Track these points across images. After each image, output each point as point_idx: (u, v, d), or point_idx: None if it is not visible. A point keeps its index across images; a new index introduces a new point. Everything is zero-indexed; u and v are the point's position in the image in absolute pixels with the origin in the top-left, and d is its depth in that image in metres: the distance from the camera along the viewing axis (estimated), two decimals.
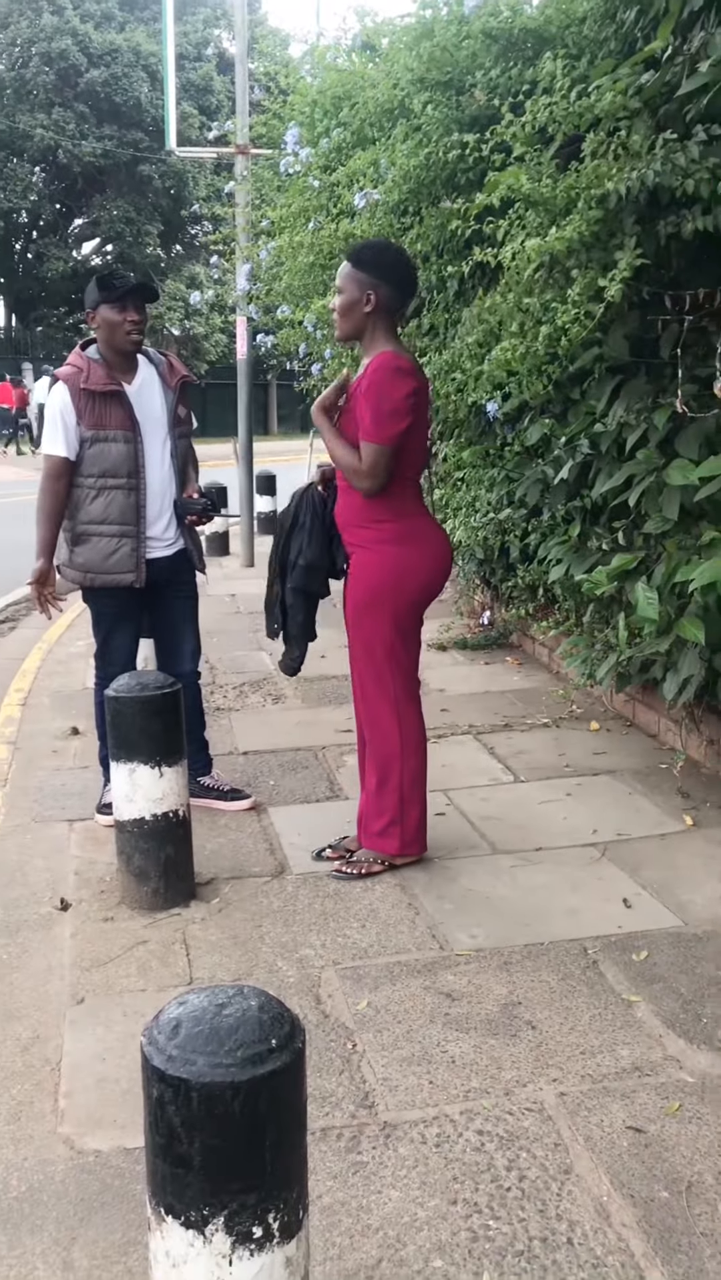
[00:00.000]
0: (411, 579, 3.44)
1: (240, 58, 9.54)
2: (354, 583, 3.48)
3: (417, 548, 3.44)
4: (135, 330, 3.78)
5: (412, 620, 3.52)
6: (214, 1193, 1.38)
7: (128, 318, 3.76)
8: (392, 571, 3.41)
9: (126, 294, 3.76)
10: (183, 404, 3.99)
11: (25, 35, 30.85)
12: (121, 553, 3.84)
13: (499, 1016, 2.76)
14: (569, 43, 4.13)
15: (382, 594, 3.42)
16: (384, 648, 3.46)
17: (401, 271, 3.41)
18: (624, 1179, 2.19)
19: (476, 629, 6.81)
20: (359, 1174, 2.22)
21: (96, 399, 3.77)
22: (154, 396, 3.90)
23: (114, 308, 3.76)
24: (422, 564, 3.45)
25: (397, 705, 3.51)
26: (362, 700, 3.55)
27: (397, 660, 3.51)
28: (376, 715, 3.51)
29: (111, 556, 3.84)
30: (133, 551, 3.85)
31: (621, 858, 3.66)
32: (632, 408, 4.03)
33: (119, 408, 3.80)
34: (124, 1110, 2.41)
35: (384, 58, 5.34)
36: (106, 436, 3.78)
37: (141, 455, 3.83)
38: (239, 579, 9.59)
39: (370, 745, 3.56)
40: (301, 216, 5.89)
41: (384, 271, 3.35)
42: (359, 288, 3.34)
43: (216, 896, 3.45)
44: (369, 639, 3.47)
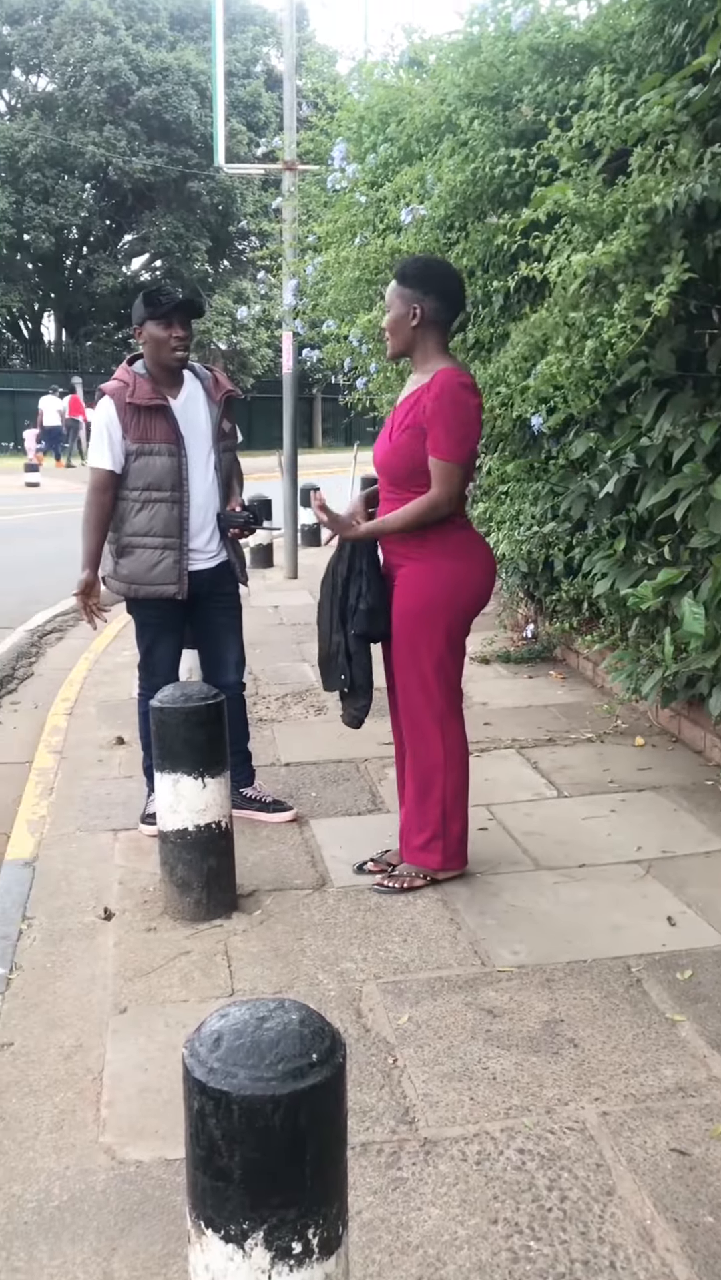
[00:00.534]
0: (465, 591, 3.44)
1: (288, 75, 9.62)
2: (403, 595, 3.47)
3: (469, 561, 3.44)
4: (180, 346, 3.82)
5: (463, 632, 3.52)
6: (254, 1206, 1.38)
7: (173, 334, 3.79)
8: (448, 584, 3.41)
9: (172, 310, 3.79)
10: (227, 418, 4.02)
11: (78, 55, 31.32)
12: (164, 564, 3.88)
13: (541, 1034, 2.74)
14: (616, 58, 4.13)
15: (437, 606, 3.42)
16: (433, 660, 3.46)
17: (445, 283, 3.41)
18: (667, 1202, 2.16)
19: (520, 642, 6.79)
20: (399, 1190, 2.21)
21: (141, 413, 3.81)
22: (199, 411, 3.93)
23: (160, 324, 3.79)
24: (474, 576, 3.46)
25: (442, 718, 3.50)
26: (406, 713, 3.54)
27: (445, 673, 3.50)
28: (420, 728, 3.51)
29: (155, 568, 3.87)
30: (175, 563, 3.88)
31: (666, 875, 3.62)
32: (679, 421, 4.01)
33: (163, 422, 3.83)
34: (165, 1120, 2.42)
35: (431, 74, 5.37)
36: (151, 450, 3.82)
37: (185, 468, 3.87)
38: (282, 590, 9.62)
39: (412, 758, 3.55)
40: (348, 232, 5.93)
41: (428, 284, 3.36)
42: (404, 303, 3.36)
43: (258, 908, 3.46)
44: (417, 651, 3.46)
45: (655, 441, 4.16)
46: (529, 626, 6.83)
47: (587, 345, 3.77)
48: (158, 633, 4.02)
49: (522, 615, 7.07)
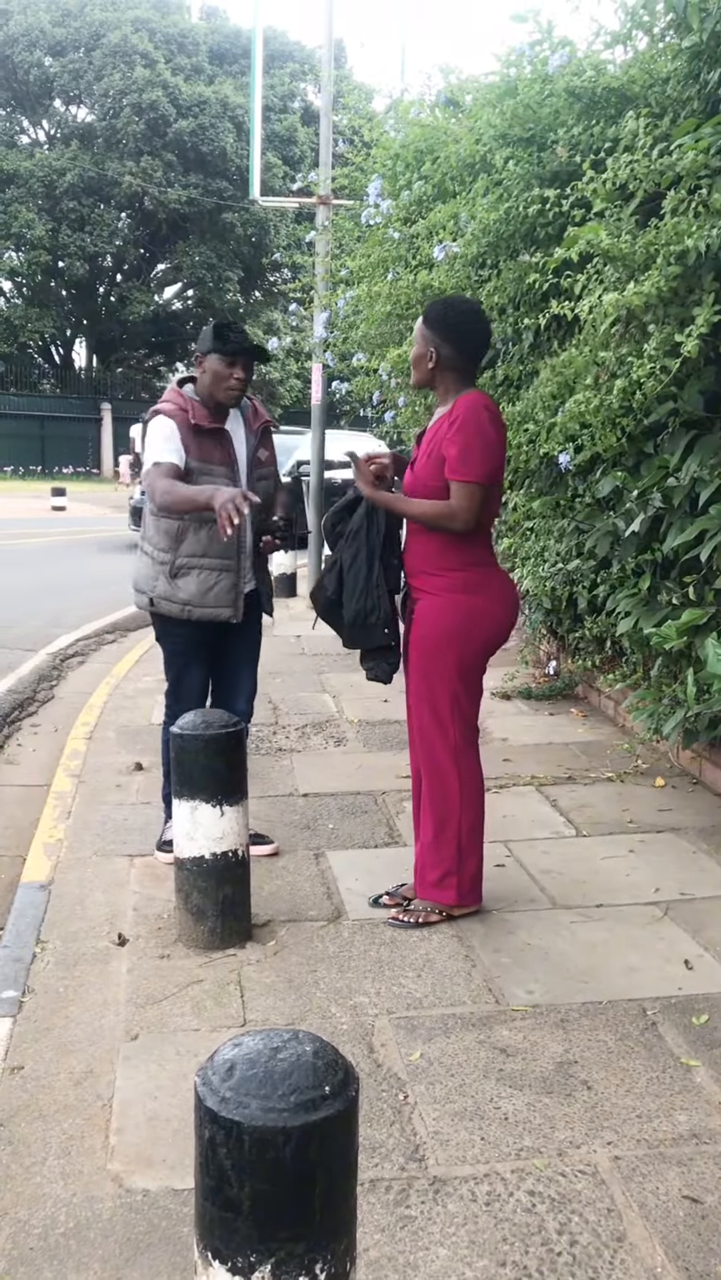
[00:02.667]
0: (479, 626, 3.44)
1: (325, 111, 9.75)
2: (420, 628, 3.48)
3: (486, 596, 3.44)
4: (238, 388, 3.82)
5: (477, 668, 3.52)
6: (262, 1239, 1.37)
7: (234, 374, 3.79)
8: (462, 618, 3.41)
9: (240, 352, 3.79)
10: (264, 447, 4.03)
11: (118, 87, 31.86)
12: (221, 587, 3.87)
13: (554, 1075, 2.72)
14: (651, 102, 4.17)
15: (450, 640, 3.42)
16: (448, 695, 3.46)
17: (463, 328, 3.41)
18: (679, 1250, 2.13)
19: (542, 679, 6.77)
20: (407, 1229, 2.19)
21: (202, 435, 3.82)
22: (240, 439, 3.95)
23: (224, 361, 3.78)
24: (490, 611, 3.45)
25: (457, 754, 3.50)
26: (422, 747, 3.54)
27: (460, 708, 3.50)
28: (436, 763, 3.50)
29: (211, 591, 3.86)
30: (232, 587, 3.88)
31: (684, 918, 3.59)
32: (706, 463, 4.01)
33: (220, 445, 3.85)
34: (174, 1150, 2.41)
35: (467, 114, 5.43)
36: (211, 470, 3.82)
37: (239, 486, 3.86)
38: (305, 620, 9.63)
39: (428, 794, 3.54)
40: (380, 267, 5.99)
41: (445, 330, 3.39)
42: (425, 343, 3.43)
43: (272, 939, 3.44)
44: (432, 685, 3.46)
45: (682, 482, 4.16)
46: (551, 663, 6.82)
47: (616, 384, 3.79)
48: (188, 661, 4.01)
49: (545, 652, 7.06)
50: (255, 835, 4.11)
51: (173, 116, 32.32)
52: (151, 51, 32.39)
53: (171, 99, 32.29)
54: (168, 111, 32.17)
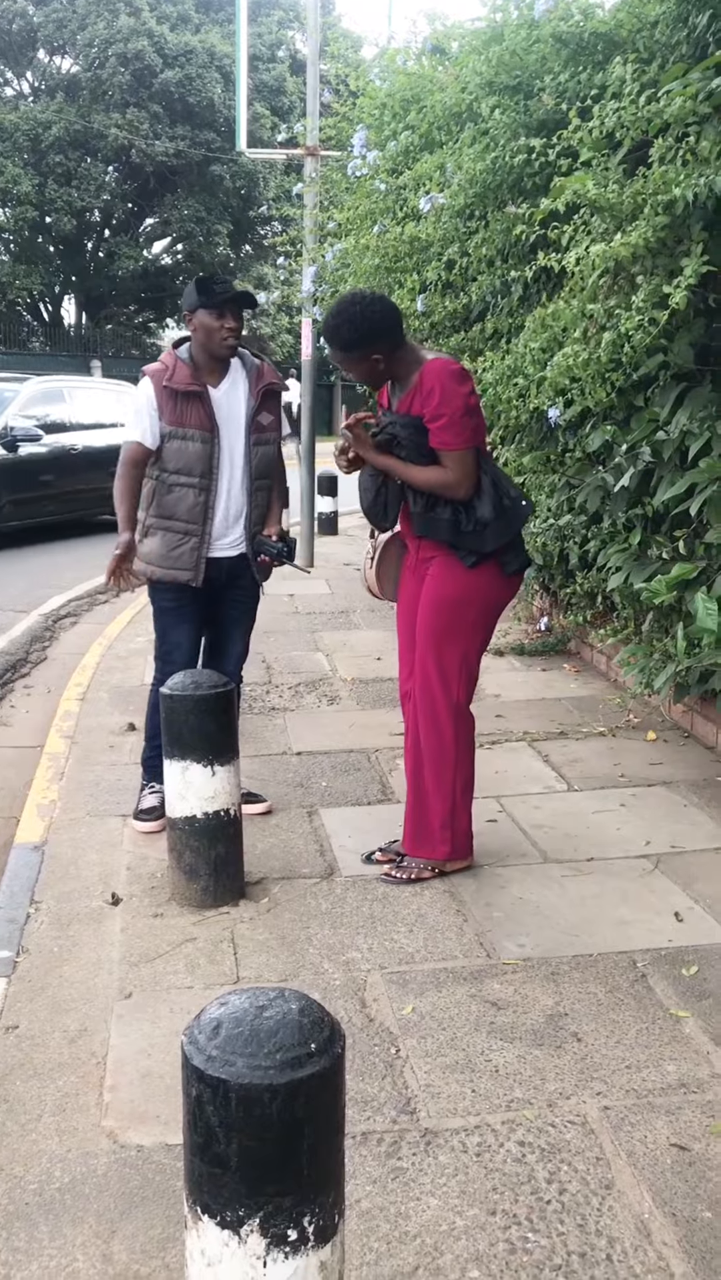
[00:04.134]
0: (498, 583, 3.45)
1: (312, 60, 9.57)
2: (436, 585, 3.46)
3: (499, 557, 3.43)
4: (231, 337, 3.77)
5: (492, 627, 3.53)
6: (250, 1194, 1.39)
7: (225, 324, 3.75)
8: (484, 576, 3.41)
9: (226, 301, 3.75)
10: (267, 411, 3.96)
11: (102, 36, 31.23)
12: (183, 550, 3.87)
13: (544, 1027, 2.75)
14: (640, 47, 4.09)
15: (472, 599, 3.42)
16: (459, 653, 3.46)
17: (385, 322, 3.32)
18: (666, 1197, 2.16)
19: (534, 635, 6.78)
20: (398, 1180, 2.22)
21: (178, 397, 3.79)
22: (239, 401, 3.89)
23: (212, 313, 3.74)
24: (504, 573, 3.45)
25: (458, 711, 3.50)
26: (424, 704, 3.52)
27: (470, 667, 3.51)
28: (436, 719, 3.50)
29: (173, 551, 3.86)
30: (194, 550, 3.87)
31: (674, 870, 3.62)
32: (696, 416, 3.99)
33: (199, 408, 3.81)
34: (167, 1106, 2.44)
35: (453, 62, 5.34)
36: (185, 434, 3.80)
37: (217, 457, 3.84)
38: (299, 579, 9.61)
39: (426, 750, 3.54)
40: (368, 219, 5.92)
41: (371, 338, 3.30)
42: (363, 362, 3.34)
43: (265, 896, 3.47)
44: (444, 644, 3.45)
45: (672, 436, 4.14)
46: (543, 619, 6.82)
47: (605, 337, 3.75)
48: (173, 620, 4.00)
49: (537, 608, 7.06)
50: (248, 794, 4.13)
51: (159, 67, 31.71)
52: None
53: (157, 48, 31.67)
54: (154, 61, 31.56)
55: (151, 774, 4.08)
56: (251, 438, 3.92)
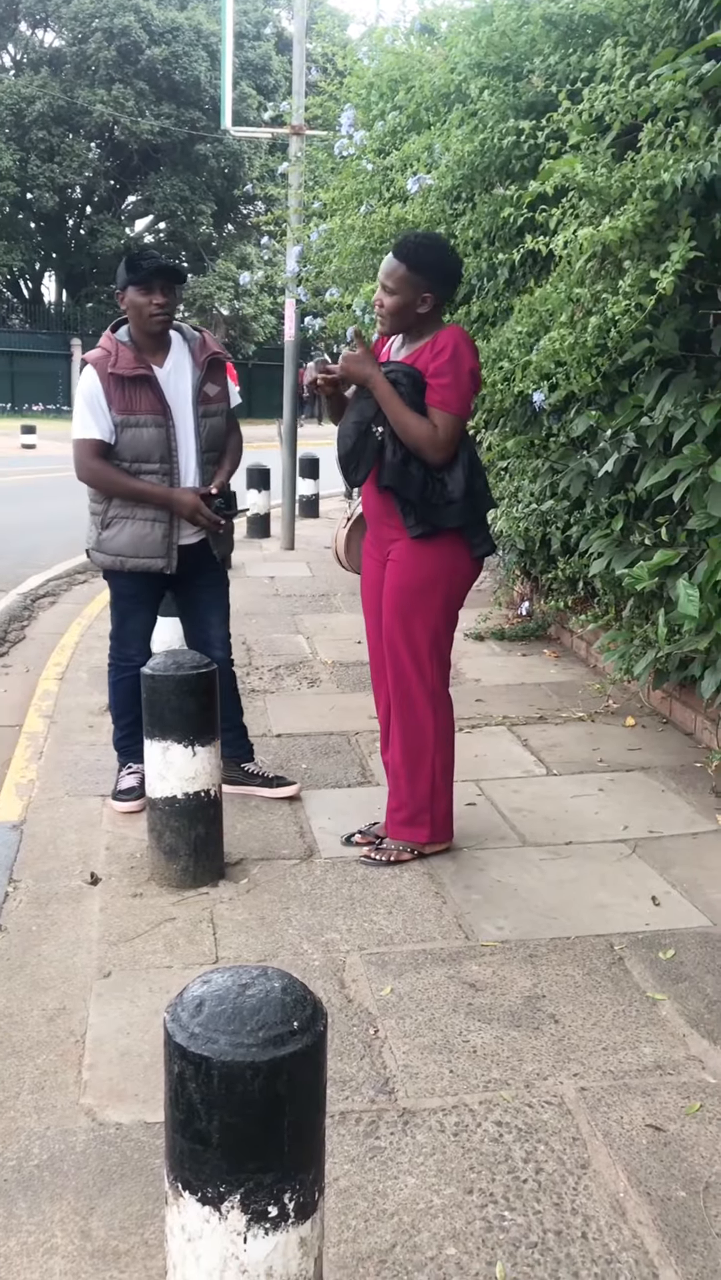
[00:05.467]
0: (462, 563, 3.44)
1: (298, 37, 9.50)
2: (401, 570, 3.45)
3: (465, 535, 3.42)
4: (160, 313, 3.69)
5: (459, 605, 3.53)
6: (231, 1170, 1.40)
7: (153, 300, 3.67)
8: (446, 556, 3.40)
9: (152, 275, 3.67)
10: (213, 382, 3.88)
11: (88, 10, 30.92)
12: (154, 538, 3.79)
13: (522, 1009, 2.76)
14: (630, 30, 4.07)
15: (436, 581, 3.41)
16: (429, 636, 3.46)
17: (457, 269, 3.43)
18: (641, 1176, 2.18)
19: (515, 620, 6.79)
20: (376, 1159, 2.23)
21: (125, 383, 3.70)
22: (185, 377, 3.82)
23: (140, 289, 3.67)
24: (468, 551, 3.45)
25: (434, 694, 3.51)
26: (398, 689, 3.53)
27: (439, 649, 3.51)
28: (412, 703, 3.50)
29: (143, 541, 3.79)
30: (165, 537, 3.81)
31: (652, 855, 3.64)
32: (681, 402, 3.99)
33: (148, 392, 3.73)
34: (146, 1084, 2.44)
35: (442, 42, 5.30)
36: (137, 422, 3.72)
37: (174, 439, 3.78)
38: (279, 561, 9.61)
39: (402, 734, 3.54)
40: (354, 199, 5.87)
41: (441, 272, 3.32)
42: (414, 290, 3.29)
43: (245, 877, 3.47)
44: (412, 628, 3.45)
45: (656, 422, 4.14)
46: (524, 604, 6.83)
47: (591, 322, 3.75)
48: (133, 605, 3.96)
49: (518, 593, 7.07)
50: (277, 777, 4.12)
51: (145, 43, 31.43)
52: None
53: (144, 24, 31.38)
54: (139, 38, 31.27)
55: (126, 755, 4.06)
56: (199, 409, 3.84)
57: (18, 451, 21.19)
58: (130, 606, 3.97)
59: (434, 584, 3.42)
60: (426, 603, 3.43)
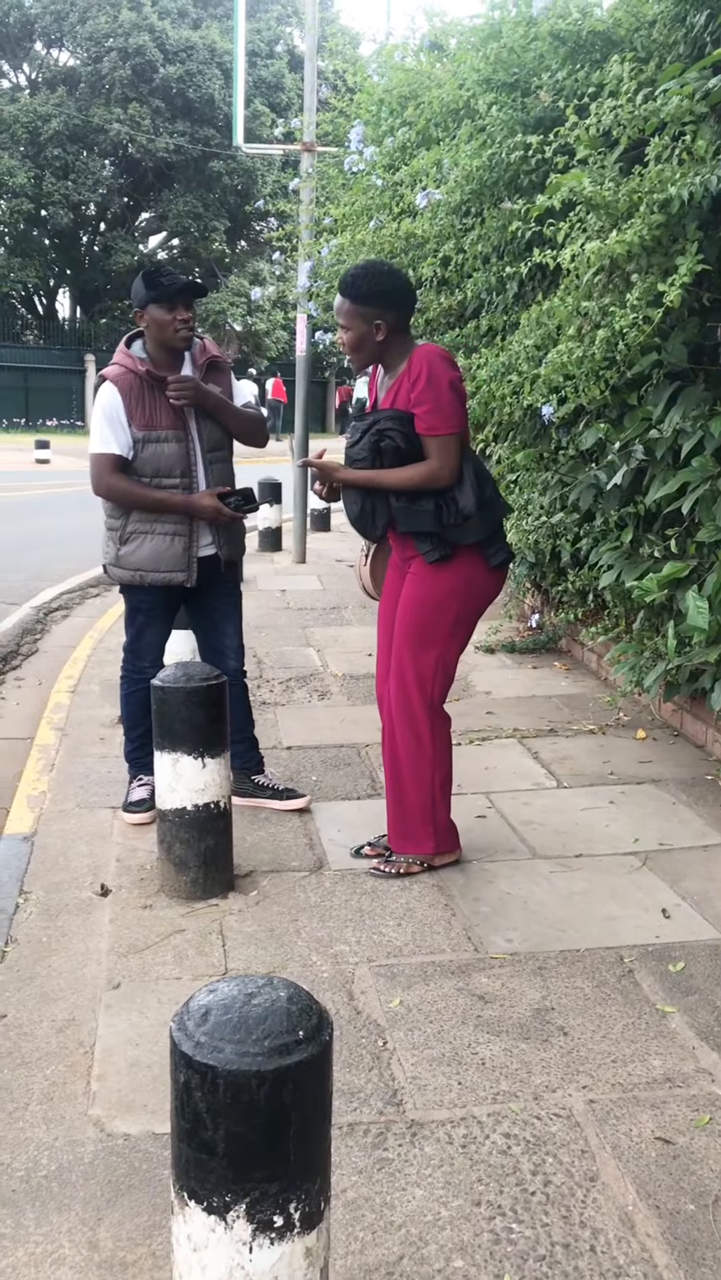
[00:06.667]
0: (478, 582, 3.45)
1: (310, 55, 9.57)
2: (417, 584, 3.46)
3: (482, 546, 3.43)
4: (185, 328, 3.72)
5: (472, 627, 3.54)
6: (236, 1180, 1.40)
7: (178, 316, 3.70)
8: (464, 576, 3.41)
9: (177, 293, 3.70)
10: (214, 383, 3.88)
11: (103, 30, 31.14)
12: (174, 552, 3.82)
13: (531, 1021, 2.76)
14: (637, 46, 4.10)
15: (450, 596, 3.42)
16: (439, 653, 3.46)
17: (404, 292, 3.39)
18: (650, 1189, 2.18)
19: (525, 632, 6.79)
20: (384, 1170, 2.22)
21: (146, 397, 3.73)
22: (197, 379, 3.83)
23: (163, 307, 3.70)
24: (487, 569, 3.45)
25: (434, 712, 3.51)
26: (400, 703, 3.53)
27: (447, 666, 3.51)
28: (413, 716, 3.51)
29: (164, 555, 3.81)
30: (185, 550, 3.83)
31: (662, 867, 3.63)
32: (689, 415, 4.00)
33: (168, 404, 3.76)
34: (154, 1095, 2.44)
35: (451, 58, 5.34)
36: (158, 437, 3.75)
37: (194, 454, 3.81)
38: (290, 574, 9.63)
39: (404, 748, 3.54)
40: (364, 215, 5.91)
41: (385, 297, 3.32)
42: (365, 321, 3.33)
43: (254, 889, 3.47)
44: (423, 640, 3.46)
45: (665, 434, 4.15)
46: (534, 616, 6.83)
47: (599, 335, 3.76)
48: (149, 617, 3.98)
49: (529, 605, 7.07)
50: (287, 789, 4.13)
51: (159, 62, 31.63)
52: None
53: (158, 44, 31.59)
54: (154, 57, 31.48)
55: (137, 767, 4.08)
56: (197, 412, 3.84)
57: (32, 466, 21.28)
58: (147, 620, 3.98)
59: (448, 601, 3.42)
60: (440, 618, 3.44)
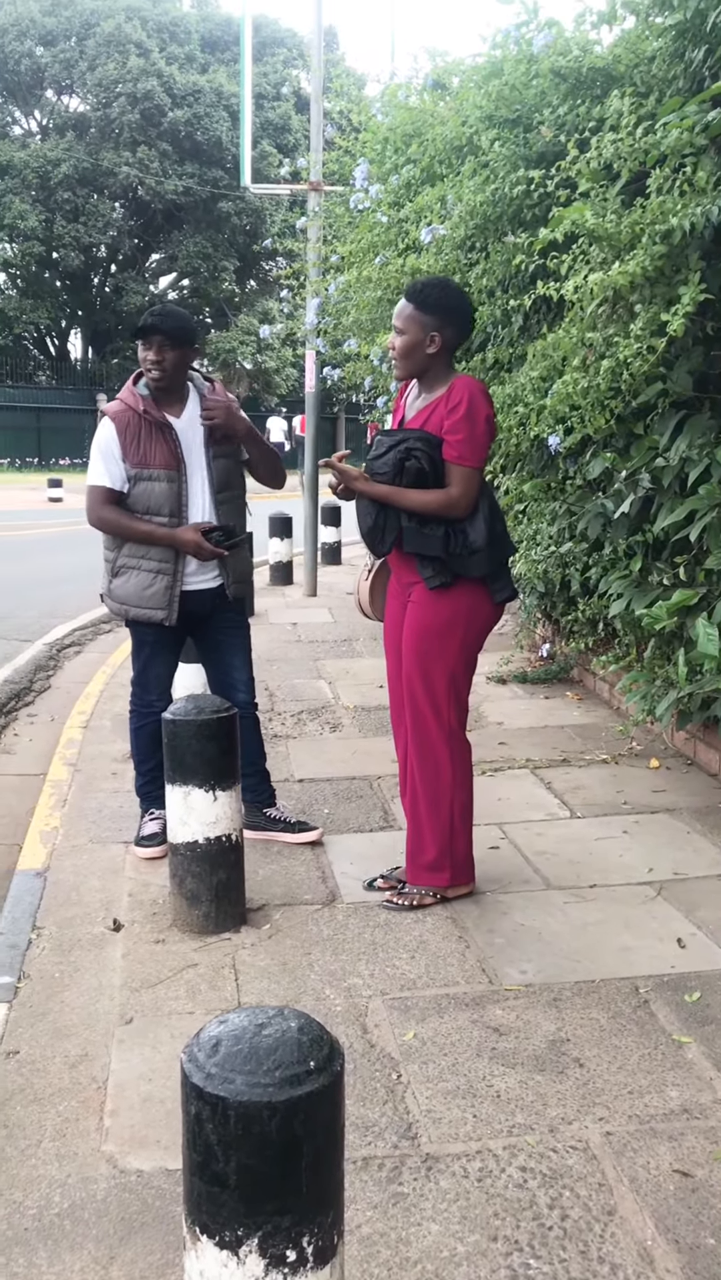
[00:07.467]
0: (482, 607, 3.45)
1: (315, 96, 9.70)
2: (420, 612, 3.47)
3: (486, 581, 3.44)
4: (155, 369, 3.77)
5: (477, 649, 3.53)
6: (248, 1213, 1.38)
7: (148, 356, 3.77)
8: (467, 602, 3.42)
9: (143, 331, 3.77)
10: None
11: (112, 76, 31.69)
12: (156, 589, 3.84)
13: (546, 1053, 2.73)
14: (637, 81, 4.15)
15: (454, 622, 3.42)
16: (446, 678, 3.47)
17: (465, 312, 3.46)
18: (669, 1224, 2.15)
19: (536, 662, 6.78)
20: (399, 1205, 2.20)
21: (142, 435, 3.78)
22: (198, 427, 3.87)
23: (142, 345, 3.80)
24: (489, 595, 3.46)
25: (451, 736, 3.50)
26: (415, 731, 3.53)
27: (457, 691, 3.51)
28: (429, 745, 3.50)
29: (146, 591, 3.84)
30: (167, 589, 3.84)
31: (677, 897, 3.61)
32: (695, 443, 4.01)
33: (163, 445, 3.79)
34: (167, 1131, 2.42)
35: (454, 96, 5.41)
36: (150, 475, 3.79)
37: (185, 494, 3.83)
38: (301, 608, 9.65)
39: (420, 777, 3.54)
40: (370, 252, 5.97)
41: (449, 314, 3.37)
42: (422, 329, 3.35)
43: (267, 922, 3.46)
44: (430, 669, 3.46)
45: (671, 463, 4.16)
46: (545, 646, 6.82)
47: (604, 365, 3.78)
48: (154, 651, 4.00)
49: (539, 635, 7.07)
50: (299, 822, 4.13)
51: (167, 106, 32.14)
52: (145, 40, 32.21)
53: (166, 88, 32.11)
54: (162, 101, 31.99)
55: (149, 801, 4.08)
56: (210, 451, 3.88)
57: (45, 505, 21.43)
58: (151, 653, 4.00)
59: (452, 626, 3.43)
60: (444, 645, 3.44)
